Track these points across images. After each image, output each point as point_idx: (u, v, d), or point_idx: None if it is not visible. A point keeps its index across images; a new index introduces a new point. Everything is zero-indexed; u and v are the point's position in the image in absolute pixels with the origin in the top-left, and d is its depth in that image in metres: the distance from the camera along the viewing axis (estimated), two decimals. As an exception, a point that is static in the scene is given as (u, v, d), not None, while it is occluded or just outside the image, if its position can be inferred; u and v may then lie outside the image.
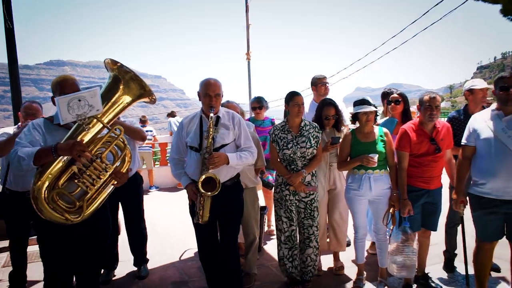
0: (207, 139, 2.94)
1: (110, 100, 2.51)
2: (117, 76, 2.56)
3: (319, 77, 4.65)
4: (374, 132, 3.59)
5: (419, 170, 3.42)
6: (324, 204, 3.97)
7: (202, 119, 3.16)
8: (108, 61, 2.60)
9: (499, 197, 2.95)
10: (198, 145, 3.08)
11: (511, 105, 2.97)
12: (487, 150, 3.00)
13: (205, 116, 3.16)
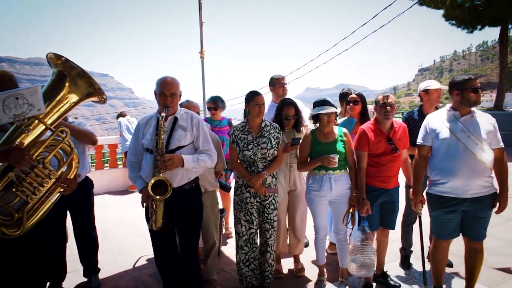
0: (158, 139, 2.78)
1: (54, 99, 2.26)
2: (62, 72, 2.31)
3: (277, 78, 4.56)
4: (334, 132, 3.56)
5: (378, 169, 3.44)
6: (284, 205, 3.91)
7: (159, 120, 2.98)
8: (51, 55, 2.34)
9: (459, 195, 3.01)
10: (153, 147, 2.90)
11: (470, 107, 3.04)
12: (446, 150, 3.04)
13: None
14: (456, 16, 14.56)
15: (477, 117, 3.06)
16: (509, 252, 4.31)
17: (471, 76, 3.08)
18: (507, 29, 14.92)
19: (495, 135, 3.04)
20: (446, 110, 3.17)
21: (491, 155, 2.99)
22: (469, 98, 3.02)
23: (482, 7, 13.91)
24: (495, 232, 4.58)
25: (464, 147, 2.97)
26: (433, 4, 14.79)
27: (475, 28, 14.95)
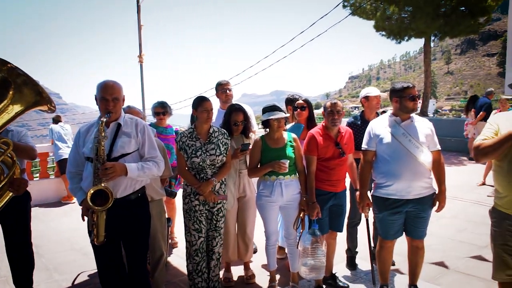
0: (98, 146, 2.61)
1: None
2: (6, 80, 2.08)
3: (221, 83, 4.51)
4: (284, 138, 3.59)
5: (326, 173, 3.51)
6: (233, 212, 3.86)
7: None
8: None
9: (403, 197, 3.15)
10: (94, 155, 2.72)
11: (409, 112, 3.21)
12: (390, 154, 3.17)
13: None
14: (385, 27, 15.49)
15: (415, 122, 3.24)
16: (444, 248, 4.61)
17: (410, 84, 3.23)
18: (429, 41, 16.15)
19: (433, 138, 3.24)
20: (388, 116, 3.32)
21: (430, 157, 3.18)
22: (406, 106, 3.19)
23: (408, 20, 14.94)
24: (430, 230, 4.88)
25: (406, 150, 3.12)
26: (365, 15, 15.62)
27: (402, 39, 16.00)
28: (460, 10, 14.48)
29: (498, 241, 2.58)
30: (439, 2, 14.10)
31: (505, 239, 2.53)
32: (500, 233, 2.55)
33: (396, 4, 14.39)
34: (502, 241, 2.55)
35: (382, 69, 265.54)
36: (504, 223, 2.53)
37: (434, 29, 14.82)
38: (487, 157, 2.54)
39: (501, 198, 2.54)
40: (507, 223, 2.50)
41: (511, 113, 2.58)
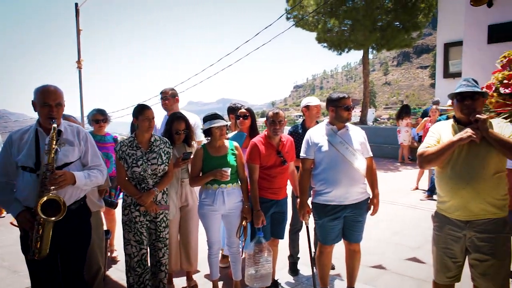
0: (49, 154, 2.50)
1: None
2: None
3: (162, 91, 4.46)
4: (226, 146, 3.60)
5: (269, 181, 3.56)
6: (176, 222, 3.80)
7: (38, 133, 2.66)
8: None
9: (341, 202, 3.27)
10: (33, 164, 2.58)
11: (344, 121, 3.35)
12: (328, 161, 3.28)
13: (42, 130, 2.68)
14: (327, 39, 16.07)
15: (350, 130, 3.39)
16: (380, 251, 4.82)
17: (345, 95, 3.37)
18: (367, 53, 16.98)
19: (366, 146, 3.42)
20: (325, 124, 3.44)
21: (364, 163, 3.34)
22: (341, 115, 3.32)
23: (348, 33, 15.62)
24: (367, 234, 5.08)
25: (343, 157, 3.25)
26: (307, 27, 16.11)
27: (343, 50, 16.68)
28: (395, 25, 15.38)
29: (440, 245, 2.72)
30: (376, 16, 14.89)
31: (447, 243, 2.67)
32: (442, 237, 2.70)
33: (337, 17, 15.00)
34: (443, 245, 2.70)
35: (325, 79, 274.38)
36: (445, 227, 2.68)
37: (372, 42, 15.62)
38: (430, 164, 2.69)
39: (443, 203, 2.69)
40: (449, 227, 2.66)
41: (451, 122, 2.74)
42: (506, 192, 2.55)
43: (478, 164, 2.49)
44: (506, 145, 2.39)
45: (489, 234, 2.51)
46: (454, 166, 2.56)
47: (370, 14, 14.43)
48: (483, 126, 2.42)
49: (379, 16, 14.99)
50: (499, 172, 2.51)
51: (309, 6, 15.25)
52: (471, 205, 2.52)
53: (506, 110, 2.53)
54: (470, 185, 2.49)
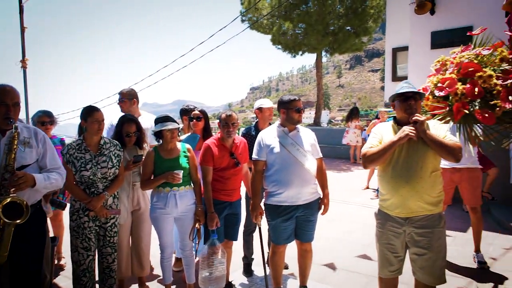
0: (8, 154, 2.42)
1: None
2: None
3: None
4: (178, 148, 3.56)
5: (222, 183, 3.56)
6: (127, 226, 3.71)
7: None
8: None
9: (293, 203, 3.32)
10: None
11: (294, 123, 3.42)
12: (280, 162, 3.33)
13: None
14: (281, 41, 16.35)
15: (301, 132, 3.47)
16: (333, 249, 4.95)
17: (296, 97, 3.45)
18: (321, 56, 17.43)
19: (316, 147, 3.51)
20: (276, 126, 3.49)
21: (314, 164, 3.42)
22: (292, 117, 3.39)
23: (302, 36, 15.95)
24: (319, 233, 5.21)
25: (295, 159, 3.31)
26: (262, 30, 16.30)
27: (297, 53, 17.03)
28: (347, 30, 15.90)
29: (382, 241, 2.85)
30: (328, 21, 15.32)
31: (389, 239, 2.81)
32: (384, 233, 2.83)
33: (291, 20, 15.27)
34: (385, 241, 2.83)
35: (281, 81, 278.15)
36: (387, 223, 2.81)
37: (324, 46, 16.05)
38: (373, 164, 2.79)
39: (385, 200, 2.82)
40: (390, 224, 2.79)
41: (391, 123, 2.87)
42: (441, 190, 2.72)
43: (416, 163, 2.63)
44: (440, 145, 2.55)
45: (426, 229, 2.67)
46: (395, 166, 2.69)
47: (323, 19, 14.83)
48: (420, 128, 2.56)
49: (331, 20, 15.44)
50: (435, 171, 2.67)
51: (264, 8, 15.44)
52: (410, 203, 2.66)
53: (440, 112, 2.69)
54: (409, 183, 2.63)
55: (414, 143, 2.64)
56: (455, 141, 2.59)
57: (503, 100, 2.42)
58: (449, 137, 2.62)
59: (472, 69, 2.52)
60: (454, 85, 2.55)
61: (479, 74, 2.49)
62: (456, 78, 2.60)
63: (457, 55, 2.75)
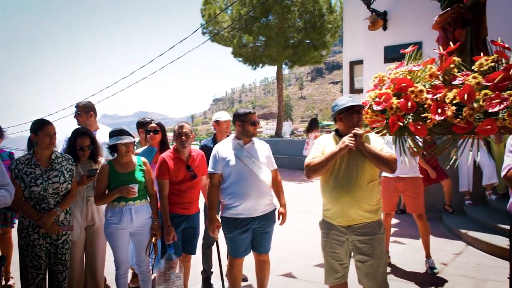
0: None
1: None
2: None
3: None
4: (133, 162, 3.56)
5: (179, 196, 3.56)
6: (81, 243, 3.62)
7: None
8: None
9: (250, 215, 3.36)
10: None
11: (250, 136, 3.49)
12: (237, 175, 3.36)
13: None
14: (242, 54, 16.58)
15: (256, 144, 3.54)
16: (292, 259, 5.01)
17: (251, 110, 3.52)
18: (281, 69, 17.77)
19: (271, 159, 3.59)
20: (231, 139, 3.54)
21: (270, 176, 3.49)
22: (248, 130, 3.45)
23: (262, 49, 16.24)
24: (279, 244, 5.30)
25: (251, 171, 3.36)
26: (223, 42, 16.46)
27: (257, 65, 17.30)
28: (306, 43, 16.34)
29: (327, 249, 2.94)
30: (288, 34, 15.69)
31: (333, 247, 2.90)
32: (329, 242, 2.92)
33: (251, 33, 15.53)
34: (330, 249, 2.92)
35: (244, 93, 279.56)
36: (331, 232, 2.90)
37: (285, 58, 16.40)
38: (316, 174, 2.87)
39: (328, 210, 2.93)
40: (334, 233, 2.89)
41: (332, 134, 3.00)
42: (379, 199, 2.87)
43: (355, 174, 2.76)
44: (377, 157, 2.70)
45: (367, 236, 2.79)
46: (336, 177, 2.81)
47: (283, 32, 15.18)
48: (359, 140, 2.70)
49: (291, 34, 15.83)
50: (373, 181, 2.81)
51: (224, 21, 15.62)
52: (350, 212, 2.78)
53: (378, 125, 2.86)
54: (349, 193, 2.75)
55: (354, 155, 2.77)
56: (390, 153, 2.76)
57: (433, 113, 2.62)
58: (385, 149, 2.79)
59: (405, 84, 2.72)
60: (390, 99, 2.74)
61: (411, 89, 2.68)
62: (391, 93, 2.79)
63: (392, 71, 2.95)
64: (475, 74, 2.67)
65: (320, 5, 15.31)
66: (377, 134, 2.89)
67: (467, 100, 2.59)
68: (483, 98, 2.56)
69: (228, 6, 15.76)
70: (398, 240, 5.63)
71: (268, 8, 14.99)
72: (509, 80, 2.57)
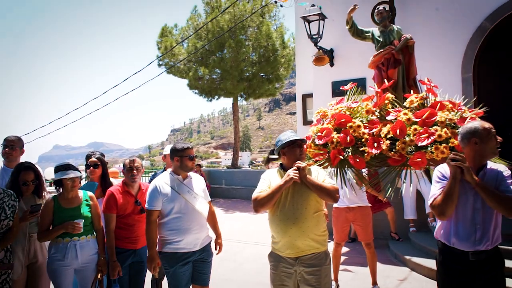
0: None
1: None
2: None
3: (6, 139, 4.14)
4: (79, 197, 3.50)
5: (126, 231, 3.54)
6: (22, 282, 3.47)
7: None
8: None
9: (191, 249, 3.35)
10: None
11: (188, 171, 3.49)
12: (177, 210, 3.33)
13: None
14: (198, 86, 16.76)
15: (193, 179, 3.54)
16: None
17: (189, 145, 3.51)
18: (237, 101, 18.07)
19: (206, 192, 3.63)
20: (169, 174, 3.48)
21: (207, 208, 3.53)
22: (186, 165, 3.43)
23: (218, 81, 16.50)
24: (230, 277, 5.28)
25: (192, 205, 3.37)
26: (179, 74, 16.59)
27: (213, 97, 17.51)
28: (260, 76, 16.79)
29: (276, 282, 2.97)
30: (243, 67, 16.08)
31: (282, 280, 2.94)
32: (277, 275, 2.96)
33: (207, 66, 15.79)
34: (279, 282, 2.96)
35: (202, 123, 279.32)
36: (279, 265, 2.95)
37: (240, 91, 16.73)
38: (264, 207, 2.92)
39: (276, 243, 2.98)
40: (282, 265, 2.93)
41: (277, 169, 3.10)
42: (325, 229, 2.98)
43: (301, 205, 2.87)
44: (320, 188, 2.83)
45: (315, 268, 2.87)
46: (283, 209, 2.90)
47: (237, 65, 15.55)
48: (302, 173, 2.82)
49: (246, 67, 16.23)
50: (318, 212, 2.92)
51: (180, 54, 15.79)
52: (298, 243, 2.85)
53: (321, 158, 3.03)
54: (296, 224, 2.84)
55: (298, 187, 2.88)
56: (332, 184, 2.91)
57: (370, 146, 2.83)
58: (328, 180, 2.93)
59: (344, 120, 2.93)
60: (330, 134, 2.92)
61: (350, 125, 2.89)
62: (332, 128, 2.98)
63: (333, 107, 3.16)
64: (406, 110, 2.92)
65: (273, 41, 15.88)
66: (319, 167, 3.02)
67: (399, 135, 2.82)
68: (413, 133, 2.80)
69: (184, 39, 16.01)
70: (348, 268, 5.78)
71: (223, 42, 15.37)
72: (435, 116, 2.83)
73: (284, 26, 17.13)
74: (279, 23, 17.06)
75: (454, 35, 6.81)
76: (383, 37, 4.47)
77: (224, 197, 14.46)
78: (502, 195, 2.48)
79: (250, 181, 13.92)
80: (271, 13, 16.68)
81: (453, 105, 2.98)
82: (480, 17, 6.62)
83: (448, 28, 6.84)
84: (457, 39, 6.78)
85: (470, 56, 6.72)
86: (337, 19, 7.64)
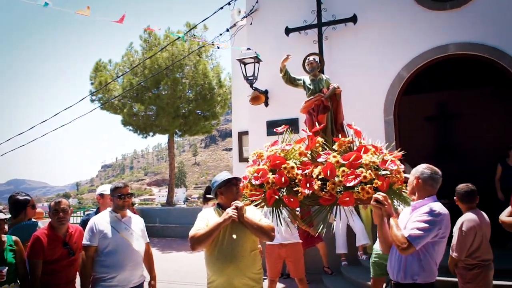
0: None
1: None
2: None
3: None
4: (2, 241, 3.28)
5: (54, 277, 3.36)
6: None
7: None
8: None
9: (125, 286, 3.41)
10: None
11: (119, 209, 3.61)
12: (114, 247, 3.43)
13: None
14: (132, 123, 16.45)
15: (132, 218, 3.69)
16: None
17: (120, 184, 3.69)
18: (173, 137, 17.94)
19: (145, 232, 3.77)
20: (108, 212, 3.63)
21: (144, 248, 3.66)
22: (117, 203, 3.61)
23: (153, 118, 16.33)
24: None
25: (128, 243, 3.48)
26: (113, 110, 16.20)
27: (148, 134, 17.25)
28: (196, 113, 16.92)
29: None
30: (179, 104, 16.12)
31: None
32: None
33: (142, 102, 15.61)
34: None
35: (135, 159, 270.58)
36: None
37: (175, 127, 16.68)
38: (201, 245, 2.94)
39: (212, 282, 2.99)
40: None
41: (214, 207, 3.18)
42: (260, 267, 3.07)
43: (238, 244, 2.94)
44: (256, 227, 2.94)
45: None
46: (220, 248, 2.94)
47: (173, 102, 15.57)
48: (239, 212, 2.92)
49: (182, 104, 16.29)
50: (254, 250, 3.02)
51: (115, 90, 15.51)
52: (235, 281, 2.89)
53: (257, 198, 3.15)
54: (233, 263, 2.89)
55: (236, 226, 2.96)
56: (268, 223, 3.04)
57: (303, 186, 3.00)
58: (264, 220, 3.06)
59: (278, 161, 3.10)
60: (266, 175, 3.08)
61: (284, 166, 3.06)
62: (268, 169, 3.13)
63: (268, 149, 3.34)
64: (335, 153, 3.16)
65: (210, 79, 16.18)
66: (255, 207, 3.15)
67: (329, 176, 3.03)
68: (342, 174, 3.03)
69: (119, 75, 15.77)
70: (283, 305, 5.84)
71: (159, 79, 15.36)
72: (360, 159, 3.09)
73: (220, 66, 17.60)
74: (215, 63, 17.49)
75: (376, 81, 7.45)
76: (313, 85, 4.79)
77: (158, 236, 13.99)
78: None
79: (185, 218, 13.64)
80: (208, 52, 17.06)
81: (375, 148, 3.27)
82: (399, 66, 7.34)
83: (372, 75, 7.48)
84: (380, 85, 7.43)
85: (391, 100, 7.37)
86: (272, 62, 8.05)
